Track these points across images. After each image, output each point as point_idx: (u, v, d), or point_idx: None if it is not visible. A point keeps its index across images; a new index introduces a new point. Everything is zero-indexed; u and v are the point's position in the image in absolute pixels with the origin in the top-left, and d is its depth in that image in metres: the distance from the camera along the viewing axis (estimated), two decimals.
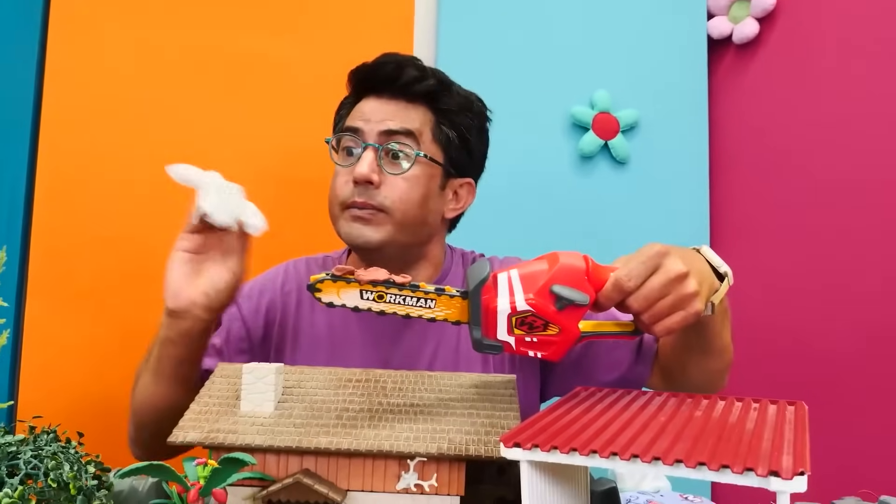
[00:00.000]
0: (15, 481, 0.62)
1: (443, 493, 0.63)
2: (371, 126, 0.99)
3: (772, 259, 1.59)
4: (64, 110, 1.37)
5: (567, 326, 0.68)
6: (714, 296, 0.77)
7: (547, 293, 0.67)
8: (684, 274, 0.70)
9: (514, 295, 0.67)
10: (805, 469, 0.45)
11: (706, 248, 0.81)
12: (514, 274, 0.69)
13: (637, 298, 0.70)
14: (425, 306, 0.70)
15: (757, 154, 1.64)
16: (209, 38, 1.42)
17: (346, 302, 0.69)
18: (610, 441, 0.53)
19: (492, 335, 0.69)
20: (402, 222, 0.99)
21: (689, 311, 0.71)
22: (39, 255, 1.35)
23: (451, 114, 1.03)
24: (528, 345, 0.69)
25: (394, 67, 1.01)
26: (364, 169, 0.97)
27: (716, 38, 1.66)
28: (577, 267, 0.69)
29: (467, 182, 1.08)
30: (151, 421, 0.93)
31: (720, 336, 0.89)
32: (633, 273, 0.70)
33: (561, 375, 1.06)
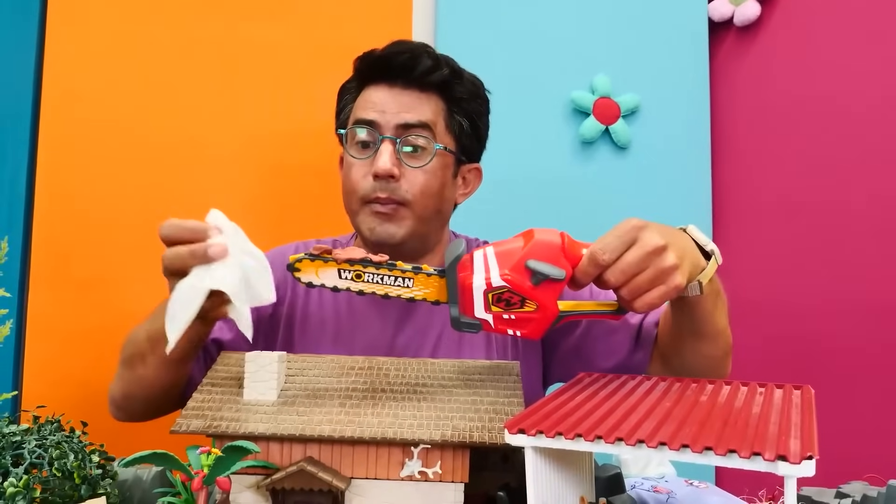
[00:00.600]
0: (20, 471, 0.62)
1: (447, 480, 0.63)
2: (387, 118, 0.98)
3: (774, 243, 1.59)
4: (64, 100, 1.37)
5: (544, 303, 0.67)
6: (701, 275, 0.76)
7: (522, 268, 0.66)
8: (662, 247, 0.69)
9: (490, 271, 0.67)
10: (813, 453, 0.45)
11: (692, 227, 0.80)
12: (490, 251, 0.68)
13: (614, 272, 0.69)
14: (403, 285, 0.70)
15: (759, 137, 1.63)
16: (207, 27, 1.41)
17: (325, 281, 0.70)
18: (615, 427, 0.53)
19: (469, 313, 0.68)
20: (422, 215, 1.00)
21: (668, 286, 0.70)
22: (41, 245, 1.34)
23: (462, 102, 1.03)
24: (506, 322, 0.68)
25: (409, 57, 0.99)
26: (386, 163, 0.96)
27: (717, 21, 1.64)
28: (552, 242, 0.68)
29: (475, 167, 1.09)
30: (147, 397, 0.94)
31: (713, 319, 0.87)
32: (609, 247, 0.68)
33: (561, 361, 1.06)
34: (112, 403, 1.00)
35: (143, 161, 1.37)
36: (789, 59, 1.60)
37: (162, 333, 0.85)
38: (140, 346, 0.91)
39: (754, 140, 1.63)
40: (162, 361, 0.88)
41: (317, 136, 1.35)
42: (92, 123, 1.37)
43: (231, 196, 1.39)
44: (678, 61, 1.60)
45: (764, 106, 1.62)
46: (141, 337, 0.91)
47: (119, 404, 0.98)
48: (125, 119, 1.38)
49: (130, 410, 0.98)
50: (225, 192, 1.39)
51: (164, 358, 0.87)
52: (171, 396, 0.97)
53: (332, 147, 1.15)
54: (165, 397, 0.96)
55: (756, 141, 1.63)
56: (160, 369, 0.90)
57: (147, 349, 0.89)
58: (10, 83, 1.36)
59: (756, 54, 1.64)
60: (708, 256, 0.77)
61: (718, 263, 0.78)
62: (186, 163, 1.38)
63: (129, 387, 0.95)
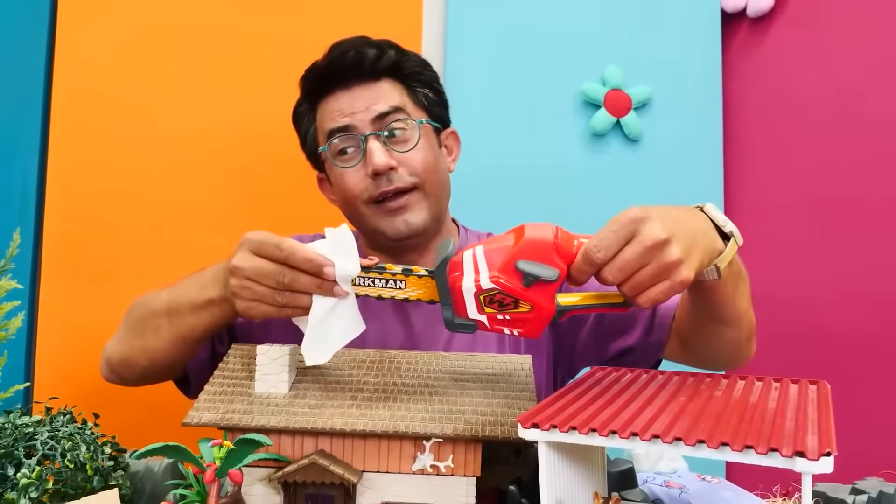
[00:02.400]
0: (32, 462, 0.63)
1: (458, 474, 0.63)
2: (360, 117, 0.98)
3: (786, 236, 1.57)
4: (75, 95, 1.36)
5: (538, 303, 0.64)
6: (718, 259, 0.71)
7: (512, 269, 0.63)
8: (664, 240, 0.64)
9: (479, 273, 0.64)
10: (832, 449, 0.44)
11: (710, 205, 0.74)
12: (479, 250, 0.65)
13: (611, 270, 0.65)
14: (395, 287, 0.69)
15: (771, 129, 1.61)
16: (217, 23, 1.40)
17: None
18: (629, 421, 0.53)
19: (463, 314, 0.66)
20: (433, 191, 1.00)
21: (674, 280, 0.65)
22: (53, 237, 1.35)
23: (417, 75, 1.04)
24: (501, 322, 0.66)
25: (354, 54, 0.99)
26: (382, 158, 0.95)
27: (729, 12, 1.62)
28: (543, 240, 0.64)
29: (451, 132, 1.10)
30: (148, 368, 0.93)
31: (734, 302, 0.83)
32: (603, 243, 0.64)
33: (583, 351, 1.05)
34: (106, 364, 0.97)
35: (154, 155, 1.37)
36: (803, 50, 1.58)
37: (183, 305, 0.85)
38: (156, 317, 0.89)
39: (767, 133, 1.61)
40: (175, 336, 0.87)
41: None
42: (103, 117, 1.37)
43: (244, 190, 1.39)
44: (690, 53, 1.58)
45: (777, 98, 1.60)
46: (159, 307, 0.89)
47: (115, 368, 0.96)
48: (136, 113, 1.37)
49: (125, 376, 0.97)
50: (238, 187, 1.39)
51: (179, 332, 0.87)
52: (173, 371, 0.96)
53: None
54: (166, 371, 0.95)
55: (769, 133, 1.61)
56: (173, 345, 0.88)
57: (165, 322, 0.88)
58: (21, 78, 1.36)
59: (769, 46, 1.62)
60: (726, 238, 0.73)
61: (739, 244, 0.73)
62: (197, 158, 1.38)
63: (132, 353, 0.93)
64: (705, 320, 0.87)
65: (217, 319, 0.85)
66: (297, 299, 0.71)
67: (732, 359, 0.92)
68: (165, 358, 0.91)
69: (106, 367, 0.98)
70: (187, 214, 1.37)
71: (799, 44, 1.58)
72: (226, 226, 1.37)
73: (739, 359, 0.93)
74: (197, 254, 1.34)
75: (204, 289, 0.84)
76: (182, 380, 1.01)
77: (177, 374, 0.99)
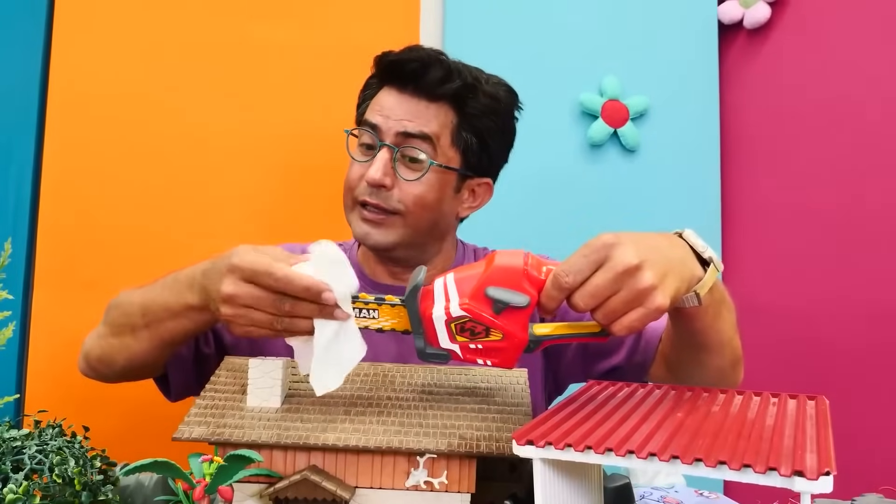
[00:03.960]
0: (20, 476, 0.61)
1: (453, 490, 0.62)
2: (389, 124, 0.97)
3: (783, 246, 1.57)
4: (70, 101, 1.36)
5: (509, 331, 0.64)
6: (698, 286, 0.69)
7: (482, 296, 0.63)
8: (635, 267, 0.62)
9: (450, 300, 0.64)
10: (830, 469, 0.43)
11: (689, 231, 0.73)
12: (450, 278, 0.65)
13: (582, 296, 0.63)
14: (370, 316, 0.68)
15: (768, 140, 1.61)
16: (214, 28, 1.40)
17: None
18: (625, 438, 0.52)
19: (435, 343, 0.66)
20: (415, 225, 0.99)
21: (648, 308, 0.63)
22: (46, 246, 1.34)
23: (474, 118, 1.01)
24: (474, 352, 0.65)
25: (419, 65, 0.98)
26: (377, 174, 0.95)
27: (726, 23, 1.63)
28: (513, 267, 0.64)
29: (485, 182, 1.06)
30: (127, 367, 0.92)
31: (716, 330, 0.81)
32: (573, 268, 0.63)
33: (569, 367, 1.05)
34: (84, 360, 0.97)
35: (149, 163, 1.37)
36: (799, 61, 1.58)
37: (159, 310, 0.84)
38: (132, 317, 0.87)
39: (764, 143, 1.62)
40: (154, 338, 0.86)
41: (325, 138, 1.34)
42: (98, 125, 1.36)
43: (238, 198, 1.39)
44: (687, 63, 1.58)
45: (774, 109, 1.61)
46: (134, 308, 0.88)
47: (93, 364, 0.96)
48: (131, 121, 1.37)
49: (104, 374, 0.96)
50: (232, 195, 1.38)
51: (158, 335, 0.85)
52: (153, 371, 0.95)
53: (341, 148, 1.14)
54: (145, 370, 0.94)
55: (766, 144, 1.61)
56: (150, 346, 0.87)
57: (140, 323, 0.86)
58: (16, 84, 1.36)
59: (766, 57, 1.62)
60: (706, 264, 0.71)
61: (719, 271, 0.71)
62: (192, 165, 1.37)
63: (111, 352, 0.92)
64: (687, 347, 0.86)
65: (197, 325, 0.84)
66: (296, 325, 0.69)
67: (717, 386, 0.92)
68: (144, 358, 0.90)
69: (84, 363, 0.97)
70: (183, 223, 1.36)
71: (795, 55, 1.59)
72: (221, 233, 1.36)
73: (724, 386, 0.92)
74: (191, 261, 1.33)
75: (181, 295, 0.82)
76: (162, 378, 0.99)
77: (157, 374, 0.98)
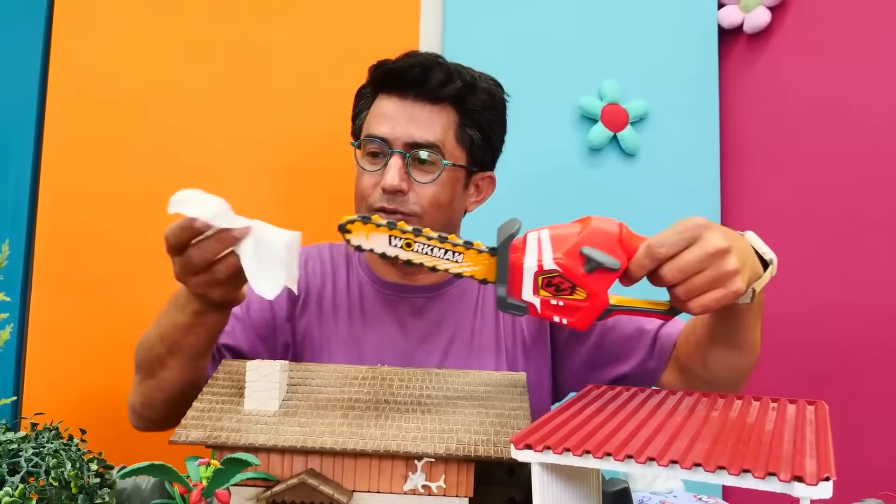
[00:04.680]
0: (16, 479, 0.61)
1: (451, 494, 0.61)
2: (397, 134, 0.99)
3: (783, 251, 1.55)
4: (68, 103, 1.36)
5: (595, 291, 0.65)
6: (756, 283, 0.73)
7: (576, 254, 0.65)
8: (725, 249, 0.67)
9: (543, 253, 0.65)
10: (830, 474, 0.43)
11: (751, 233, 0.77)
12: (545, 233, 0.67)
13: (671, 269, 0.66)
14: (452, 259, 0.69)
15: (768, 145, 1.61)
16: (214, 30, 1.40)
17: (375, 247, 0.69)
18: (624, 443, 0.52)
19: (517, 294, 0.67)
20: (431, 225, 0.99)
21: (728, 289, 0.67)
22: (44, 248, 1.34)
23: (475, 114, 1.03)
24: (553, 308, 0.66)
25: (420, 71, 0.99)
26: (394, 180, 0.97)
27: (726, 28, 1.63)
28: (609, 231, 0.66)
29: (488, 175, 1.09)
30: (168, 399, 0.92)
31: (751, 330, 0.85)
32: (668, 241, 0.66)
33: (577, 369, 1.04)
34: (133, 414, 0.98)
35: (148, 164, 1.36)
36: (799, 66, 1.58)
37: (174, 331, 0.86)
38: (155, 350, 0.89)
39: (763, 148, 1.61)
40: (179, 360, 0.87)
41: (325, 140, 1.34)
42: (96, 126, 1.36)
43: (237, 200, 1.38)
44: (687, 68, 1.58)
45: (773, 113, 1.61)
46: (153, 341, 0.90)
47: (140, 413, 0.97)
48: (130, 122, 1.37)
49: (152, 418, 0.96)
50: (230, 196, 1.38)
51: (183, 354, 0.87)
52: (190, 397, 0.96)
53: (340, 150, 1.14)
54: (185, 398, 0.94)
55: (765, 149, 1.61)
56: (178, 368, 0.88)
57: (162, 351, 0.88)
58: (15, 85, 1.36)
59: (766, 62, 1.62)
60: (765, 265, 0.75)
61: (773, 274, 0.75)
62: (192, 167, 1.37)
63: (149, 392, 0.93)
64: (719, 345, 0.87)
65: (210, 328, 0.85)
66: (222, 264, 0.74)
67: (730, 388, 0.93)
68: (179, 383, 0.90)
69: (133, 417, 0.98)
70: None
71: (795, 59, 1.59)
72: None
73: (734, 388, 0.94)
74: None
75: (184, 308, 0.84)
76: None
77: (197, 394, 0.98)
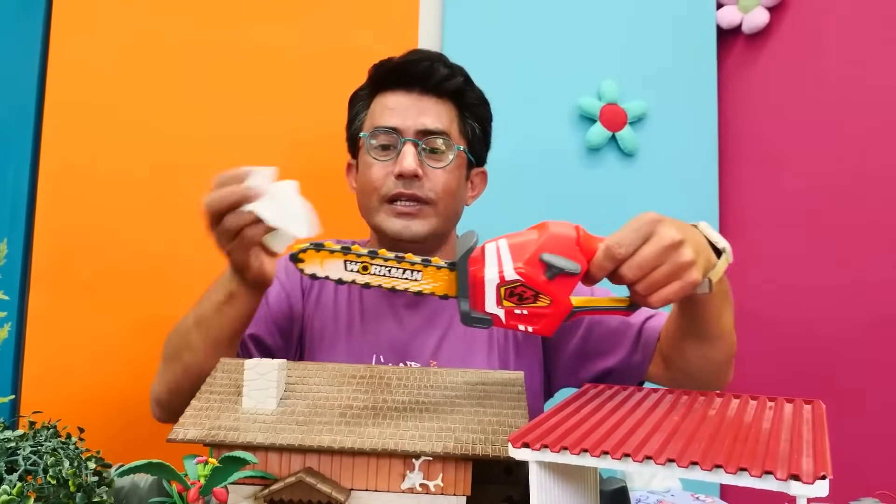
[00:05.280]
0: (14, 478, 0.61)
1: (449, 493, 0.61)
2: (408, 124, 1.02)
3: (781, 251, 1.57)
4: (67, 103, 1.36)
5: (558, 297, 0.65)
6: (712, 273, 0.74)
7: (536, 262, 0.64)
8: (679, 242, 0.68)
9: (503, 264, 0.65)
10: (826, 473, 0.43)
11: (704, 223, 0.78)
12: (503, 243, 0.66)
13: (630, 267, 0.67)
14: (411, 278, 0.67)
15: (766, 145, 1.61)
16: (213, 30, 1.40)
17: (330, 273, 0.67)
18: (622, 442, 0.52)
19: (480, 308, 0.66)
20: (444, 213, 1.04)
21: (685, 281, 0.69)
22: (42, 247, 1.33)
23: (473, 107, 1.08)
24: (517, 318, 0.66)
25: (427, 66, 1.04)
26: (412, 164, 0.99)
27: (725, 28, 1.63)
28: (567, 235, 0.67)
29: (482, 171, 1.14)
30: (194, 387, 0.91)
31: (719, 320, 0.85)
32: (625, 240, 0.67)
33: (566, 364, 1.05)
34: (156, 404, 0.98)
35: (147, 163, 1.36)
36: (798, 66, 1.58)
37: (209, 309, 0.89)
38: (188, 334, 0.91)
39: (762, 148, 1.62)
40: (209, 343, 0.89)
41: (324, 141, 1.34)
42: (95, 125, 1.36)
43: None
44: (686, 68, 1.58)
45: (772, 114, 1.61)
46: (188, 323, 0.91)
47: (164, 403, 0.96)
48: (129, 121, 1.37)
49: (175, 408, 0.95)
50: None
51: (211, 337, 0.89)
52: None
53: (340, 150, 1.14)
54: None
55: (763, 149, 1.62)
56: (207, 353, 0.89)
57: (196, 335, 0.90)
58: (14, 83, 1.35)
59: (764, 62, 1.62)
60: (718, 254, 0.76)
61: (729, 262, 0.76)
62: (190, 166, 1.37)
63: (175, 379, 0.93)
64: (691, 337, 0.88)
65: (240, 310, 0.88)
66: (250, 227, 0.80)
67: (712, 380, 0.93)
68: (207, 368, 0.90)
69: (157, 408, 0.98)
70: (179, 224, 1.36)
71: (794, 60, 1.59)
72: None
73: (717, 381, 0.93)
74: (188, 263, 1.33)
75: (222, 288, 0.88)
76: None
77: None
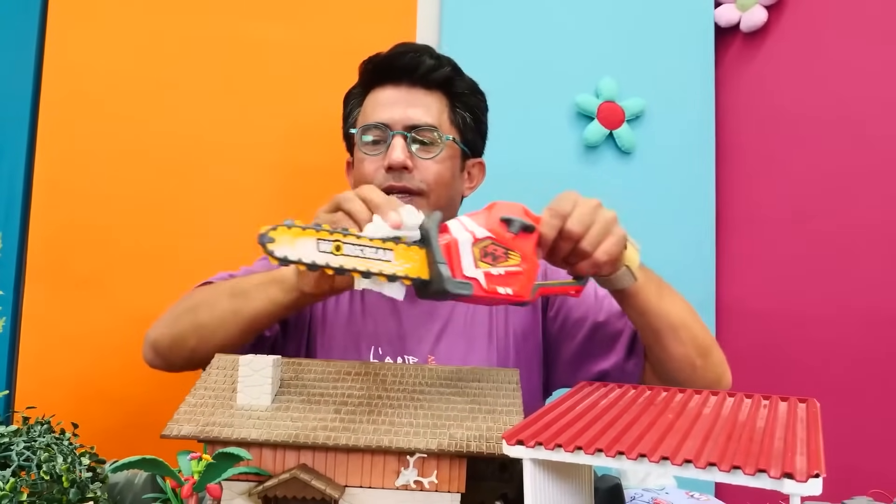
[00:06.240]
0: (7, 473, 0.61)
1: (443, 489, 0.61)
2: (396, 118, 1.03)
3: (778, 250, 1.57)
4: (63, 98, 1.35)
5: (525, 253, 0.72)
6: (626, 259, 0.81)
7: (499, 222, 0.71)
8: (598, 203, 0.78)
9: (472, 229, 0.70)
10: (820, 471, 0.43)
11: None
12: (463, 217, 0.72)
13: (574, 222, 0.75)
14: (385, 259, 0.65)
15: (764, 144, 1.61)
16: (209, 26, 1.40)
17: (302, 256, 0.62)
18: (616, 439, 0.52)
19: (458, 273, 0.68)
20: (437, 203, 1.03)
21: (616, 234, 0.78)
22: (38, 242, 1.33)
23: (464, 97, 1.08)
24: (496, 279, 0.69)
25: (412, 57, 1.04)
26: (399, 155, 1.00)
27: (723, 26, 1.63)
28: (517, 204, 0.75)
29: (479, 162, 1.13)
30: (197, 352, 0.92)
31: (664, 311, 0.88)
32: (561, 202, 0.76)
33: (565, 365, 1.06)
34: (152, 349, 0.97)
35: (142, 160, 1.36)
36: (796, 65, 1.58)
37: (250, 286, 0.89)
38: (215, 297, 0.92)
39: (759, 146, 1.62)
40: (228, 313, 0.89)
41: (321, 138, 1.34)
42: (91, 121, 1.36)
43: (232, 197, 1.38)
44: (684, 66, 1.58)
45: (769, 112, 1.61)
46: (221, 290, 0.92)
47: (162, 350, 0.96)
48: (125, 117, 1.36)
49: (171, 359, 0.96)
50: (226, 193, 1.38)
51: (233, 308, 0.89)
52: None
53: (338, 148, 1.14)
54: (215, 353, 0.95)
55: (761, 147, 1.62)
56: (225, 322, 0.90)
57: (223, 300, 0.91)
58: (9, 80, 1.35)
59: (762, 60, 1.62)
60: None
61: (636, 248, 0.83)
62: (186, 163, 1.37)
63: (183, 332, 0.93)
64: (646, 332, 0.91)
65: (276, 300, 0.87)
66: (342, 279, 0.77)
67: (689, 375, 0.90)
68: (215, 336, 0.91)
69: (151, 351, 0.98)
70: (175, 220, 1.36)
71: (792, 58, 1.59)
72: (214, 231, 1.36)
73: (702, 380, 0.91)
74: (184, 259, 1.33)
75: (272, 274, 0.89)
76: None
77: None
